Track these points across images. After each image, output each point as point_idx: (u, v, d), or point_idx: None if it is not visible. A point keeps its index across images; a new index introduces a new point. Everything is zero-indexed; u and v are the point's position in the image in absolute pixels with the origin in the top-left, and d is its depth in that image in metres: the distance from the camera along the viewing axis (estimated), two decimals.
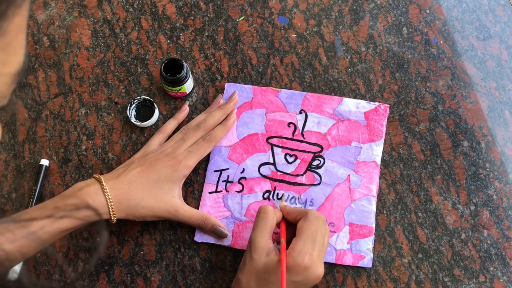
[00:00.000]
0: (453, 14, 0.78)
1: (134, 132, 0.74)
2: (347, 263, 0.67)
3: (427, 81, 0.74)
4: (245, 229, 0.69)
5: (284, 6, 0.79)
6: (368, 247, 0.67)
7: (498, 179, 0.70)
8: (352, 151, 0.71)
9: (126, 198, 0.64)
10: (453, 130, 0.72)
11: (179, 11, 0.79)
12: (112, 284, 0.69)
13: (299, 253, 0.57)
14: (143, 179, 0.65)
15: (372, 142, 0.71)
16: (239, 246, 0.68)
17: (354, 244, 0.68)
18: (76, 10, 0.80)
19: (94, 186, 0.64)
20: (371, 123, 0.72)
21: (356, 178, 0.70)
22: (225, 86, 0.75)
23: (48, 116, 0.76)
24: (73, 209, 0.63)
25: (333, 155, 0.71)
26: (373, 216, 0.68)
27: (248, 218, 0.69)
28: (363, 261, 0.67)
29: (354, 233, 0.68)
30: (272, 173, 0.71)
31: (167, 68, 0.71)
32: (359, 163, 0.70)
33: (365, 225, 0.68)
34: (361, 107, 0.73)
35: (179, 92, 0.73)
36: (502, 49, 0.76)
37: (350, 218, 0.68)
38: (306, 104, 0.73)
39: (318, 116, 0.73)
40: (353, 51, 0.76)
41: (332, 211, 0.69)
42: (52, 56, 0.78)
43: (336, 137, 0.72)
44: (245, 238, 0.68)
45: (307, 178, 0.70)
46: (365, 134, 0.72)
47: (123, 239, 0.70)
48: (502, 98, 0.74)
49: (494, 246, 0.68)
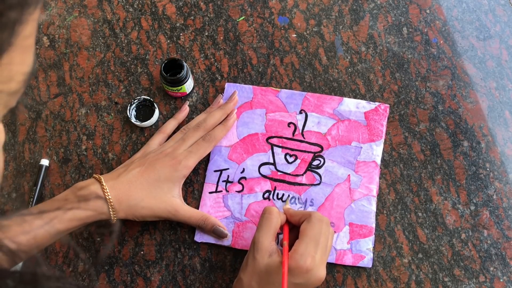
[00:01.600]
0: (453, 14, 0.78)
1: (134, 132, 0.74)
2: (347, 263, 0.67)
3: (427, 81, 0.74)
4: (245, 229, 0.69)
5: (284, 6, 0.79)
6: (368, 247, 0.67)
7: (498, 179, 0.70)
8: (352, 151, 0.71)
9: (126, 198, 0.64)
10: (453, 130, 0.72)
11: (179, 11, 0.79)
12: (112, 284, 0.68)
13: (302, 255, 0.57)
14: (143, 179, 0.65)
15: (372, 142, 0.71)
16: (239, 246, 0.68)
17: (354, 244, 0.67)
18: (76, 10, 0.80)
19: (94, 186, 0.64)
20: (371, 123, 0.72)
21: (356, 178, 0.70)
22: (225, 86, 0.75)
23: (48, 116, 0.76)
24: (83, 200, 0.63)
25: (333, 155, 0.71)
26: (373, 216, 0.68)
27: (248, 218, 0.69)
28: (363, 261, 0.67)
29: (354, 233, 0.68)
30: (272, 173, 0.71)
31: (167, 68, 0.71)
32: (359, 163, 0.70)
33: (365, 225, 0.68)
34: (361, 107, 0.73)
35: (179, 92, 0.73)
36: (502, 49, 0.76)
37: (350, 218, 0.68)
38: (306, 104, 0.73)
39: (318, 116, 0.73)
40: (353, 51, 0.76)
41: (332, 211, 0.69)
42: (52, 56, 0.78)
43: (336, 137, 0.72)
44: (245, 238, 0.68)
45: (307, 178, 0.70)
46: (365, 134, 0.72)
47: (123, 239, 0.70)
48: (502, 98, 0.74)
49: (494, 246, 0.68)
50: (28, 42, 0.31)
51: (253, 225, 0.69)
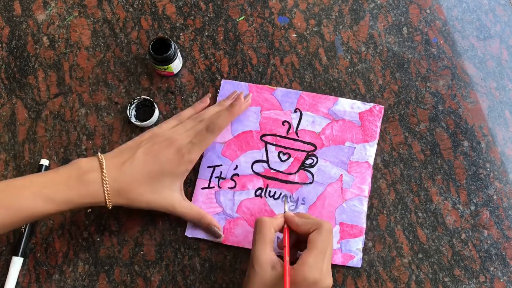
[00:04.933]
0: (453, 14, 0.78)
1: (134, 132, 0.74)
2: (336, 262, 0.67)
3: (427, 81, 0.74)
4: (236, 225, 0.69)
5: (284, 6, 0.79)
6: (358, 247, 0.67)
7: (498, 179, 0.70)
8: (345, 151, 0.71)
9: (125, 192, 0.63)
10: (453, 130, 0.72)
11: (179, 11, 0.79)
12: (112, 284, 0.69)
13: (310, 268, 0.56)
14: (145, 172, 0.64)
15: (366, 142, 0.71)
16: (230, 243, 0.68)
17: (344, 244, 0.68)
18: (76, 10, 0.80)
19: (95, 175, 0.62)
20: (365, 124, 0.72)
21: (348, 178, 0.70)
22: (221, 83, 0.75)
23: (48, 116, 0.76)
24: (82, 184, 0.62)
25: (326, 154, 0.71)
26: (364, 217, 0.69)
27: (240, 215, 0.69)
28: (352, 261, 0.67)
29: (344, 232, 0.68)
30: (265, 170, 0.71)
31: (157, 47, 0.72)
32: (352, 163, 0.71)
33: (356, 225, 0.68)
34: (356, 107, 0.73)
35: (166, 71, 0.74)
36: (503, 49, 0.76)
37: (341, 217, 0.69)
38: (301, 103, 0.73)
39: (312, 115, 0.73)
40: (353, 51, 0.76)
41: (324, 210, 0.69)
42: (52, 56, 0.78)
43: (330, 136, 0.72)
44: (236, 235, 0.69)
45: (299, 177, 0.71)
46: (359, 134, 0.72)
47: (123, 239, 0.70)
48: (502, 98, 0.74)
49: (494, 246, 0.68)
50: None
51: (244, 222, 0.69)
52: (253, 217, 0.69)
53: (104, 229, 0.71)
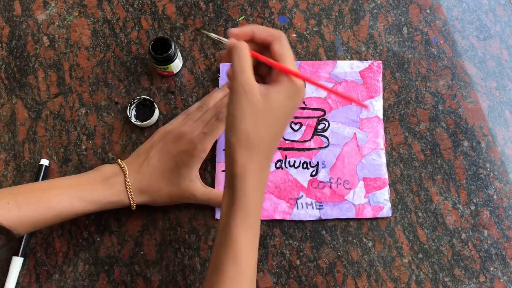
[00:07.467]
0: (453, 13, 0.78)
1: (134, 132, 0.74)
2: (367, 216, 0.69)
3: (427, 81, 0.74)
4: (263, 200, 0.69)
5: (284, 5, 0.79)
6: (385, 198, 0.69)
7: (499, 179, 0.70)
8: (353, 110, 0.73)
9: (146, 189, 0.67)
10: (453, 130, 0.72)
11: (179, 11, 0.79)
12: (112, 284, 0.69)
13: (291, 64, 0.53)
14: (161, 168, 0.67)
15: (372, 98, 0.73)
16: (262, 217, 0.69)
17: (371, 197, 0.69)
18: (76, 10, 0.80)
19: (119, 179, 0.66)
20: (367, 81, 0.74)
21: (362, 135, 0.72)
22: (220, 67, 0.75)
23: (48, 116, 0.76)
24: (108, 187, 0.66)
25: (336, 116, 0.73)
26: (384, 168, 0.70)
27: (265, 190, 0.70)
28: (383, 212, 0.69)
29: (369, 186, 0.70)
30: (281, 142, 0.72)
31: (157, 47, 0.72)
32: (362, 120, 0.72)
33: (378, 178, 0.70)
34: (355, 66, 0.75)
35: (166, 71, 0.74)
36: (503, 49, 0.76)
37: (363, 173, 0.70)
38: (302, 72, 0.75)
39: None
40: (353, 50, 0.76)
41: (345, 169, 0.71)
42: (52, 56, 0.78)
43: (336, 99, 0.74)
44: (265, 209, 0.70)
45: (315, 142, 0.72)
46: (363, 92, 0.73)
47: (123, 239, 0.70)
48: (502, 98, 0.74)
49: (495, 246, 0.68)
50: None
51: (270, 195, 0.70)
52: (278, 189, 0.71)
53: (104, 229, 0.71)
